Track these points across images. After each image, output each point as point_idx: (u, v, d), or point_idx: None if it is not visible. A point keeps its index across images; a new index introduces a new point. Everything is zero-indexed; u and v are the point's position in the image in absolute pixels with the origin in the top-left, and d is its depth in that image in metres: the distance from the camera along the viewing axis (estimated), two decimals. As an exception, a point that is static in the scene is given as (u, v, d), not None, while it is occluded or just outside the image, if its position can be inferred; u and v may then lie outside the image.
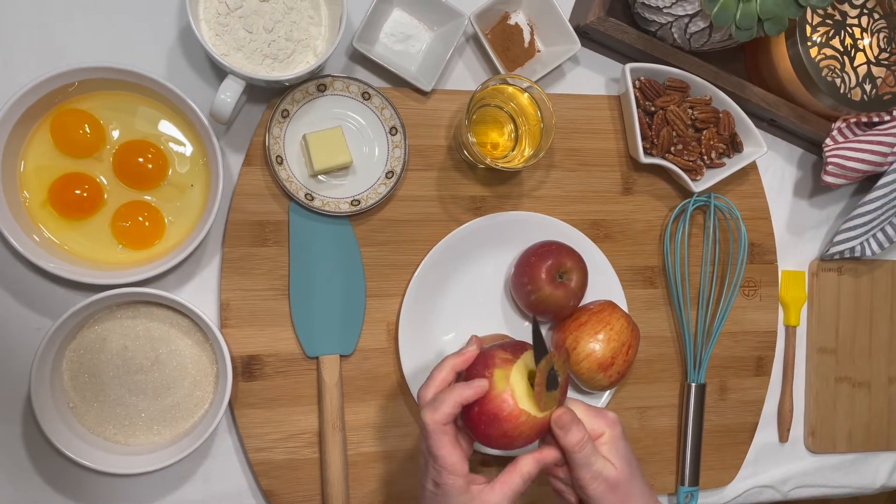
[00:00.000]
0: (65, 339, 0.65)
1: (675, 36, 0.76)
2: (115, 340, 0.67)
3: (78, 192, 0.66)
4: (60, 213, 0.66)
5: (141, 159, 0.67)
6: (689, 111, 0.78)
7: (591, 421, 0.59)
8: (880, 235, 0.86)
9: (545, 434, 0.58)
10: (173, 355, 0.68)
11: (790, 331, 0.87)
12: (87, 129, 0.66)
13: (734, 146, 0.80)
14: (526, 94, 0.73)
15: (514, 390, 0.56)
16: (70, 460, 0.63)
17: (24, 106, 0.62)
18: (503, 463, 0.74)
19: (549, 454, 0.58)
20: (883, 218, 0.85)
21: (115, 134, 0.68)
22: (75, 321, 0.65)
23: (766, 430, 0.87)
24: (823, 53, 0.78)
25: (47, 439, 0.63)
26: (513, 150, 0.75)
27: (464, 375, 0.60)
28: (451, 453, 0.56)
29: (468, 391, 0.56)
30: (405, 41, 0.75)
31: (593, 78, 0.81)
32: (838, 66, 0.79)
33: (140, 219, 0.68)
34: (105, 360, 0.67)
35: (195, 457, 0.71)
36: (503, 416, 0.56)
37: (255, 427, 0.71)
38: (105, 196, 0.68)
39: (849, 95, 0.79)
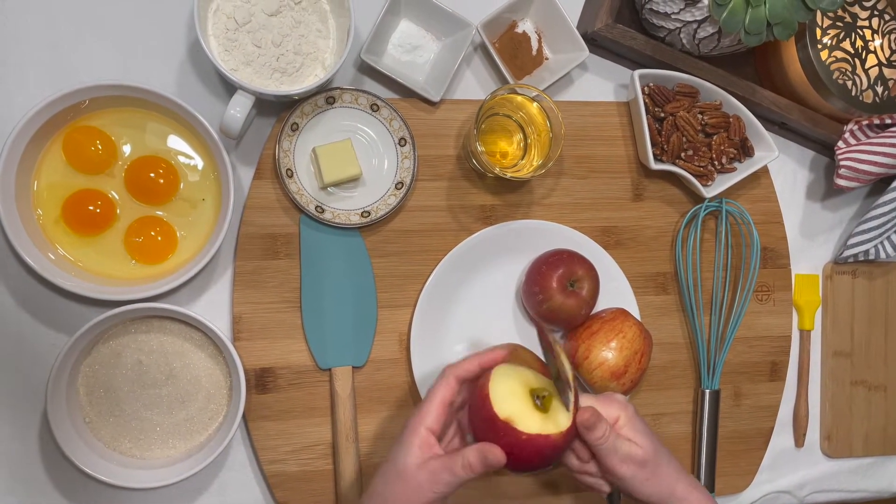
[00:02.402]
0: (80, 354, 0.66)
1: (684, 41, 0.76)
2: (129, 355, 0.68)
3: (91, 208, 0.67)
4: (74, 230, 0.67)
5: (152, 174, 0.68)
6: (699, 116, 0.78)
7: (604, 408, 0.61)
8: (895, 238, 0.85)
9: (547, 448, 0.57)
10: (187, 369, 0.68)
11: (804, 335, 0.87)
12: (99, 146, 0.67)
13: (745, 151, 0.80)
14: (535, 104, 0.73)
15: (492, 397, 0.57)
16: (86, 475, 0.64)
17: (37, 124, 0.63)
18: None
19: (494, 455, 0.55)
20: (897, 220, 0.84)
21: (127, 150, 0.68)
22: (90, 337, 0.65)
23: (782, 436, 0.86)
24: (834, 56, 0.77)
25: (64, 454, 0.63)
26: (522, 160, 0.75)
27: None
28: (435, 404, 0.58)
29: (491, 354, 0.60)
30: (413, 52, 0.75)
31: (602, 84, 0.81)
32: (849, 69, 0.78)
33: (152, 234, 0.68)
34: (120, 375, 0.67)
35: (210, 469, 0.71)
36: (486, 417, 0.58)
37: (268, 439, 0.71)
38: (117, 212, 0.68)
39: (860, 98, 0.79)
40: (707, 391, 0.80)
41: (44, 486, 0.68)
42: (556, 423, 0.57)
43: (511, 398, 0.57)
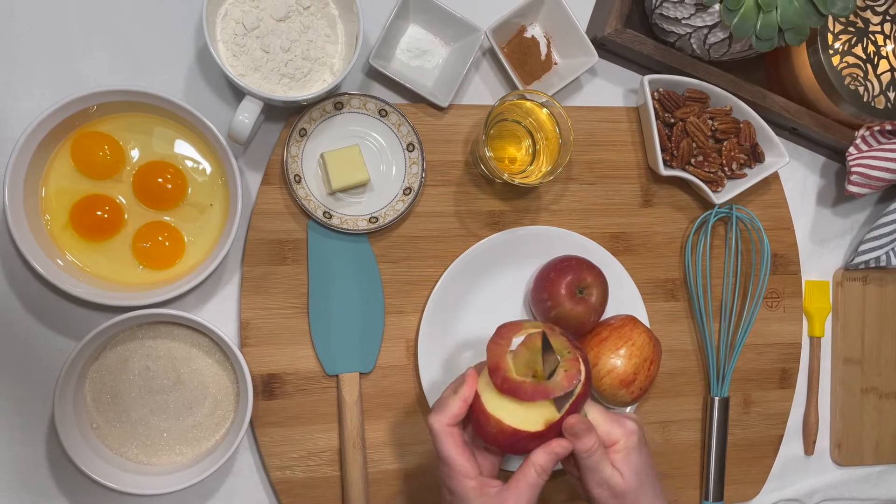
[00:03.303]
0: (87, 360, 0.66)
1: (694, 46, 0.75)
2: (136, 361, 0.67)
3: (99, 213, 0.67)
4: (81, 235, 0.67)
5: (160, 180, 0.68)
6: (710, 122, 0.77)
7: (609, 426, 0.59)
8: (906, 244, 0.84)
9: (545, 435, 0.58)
10: (194, 375, 0.68)
11: (815, 342, 0.86)
12: (108, 151, 0.67)
13: (755, 156, 0.79)
14: (544, 110, 0.72)
15: (482, 396, 0.58)
16: (93, 481, 0.64)
17: (46, 130, 0.63)
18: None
19: (560, 444, 0.57)
20: (909, 227, 0.84)
21: (135, 155, 0.68)
22: (98, 342, 0.65)
23: (792, 443, 0.86)
24: (846, 61, 0.77)
25: (71, 460, 0.63)
26: (531, 165, 0.74)
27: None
28: (458, 455, 0.57)
29: (466, 390, 0.58)
30: (421, 57, 0.75)
31: (611, 90, 0.81)
32: (861, 74, 0.77)
33: (160, 239, 0.68)
34: (127, 381, 0.67)
35: (217, 475, 0.71)
36: (481, 421, 0.58)
37: (275, 445, 0.71)
38: (125, 217, 0.68)
39: (872, 103, 0.78)
40: (716, 398, 0.80)
41: (51, 492, 0.68)
42: (532, 422, 0.57)
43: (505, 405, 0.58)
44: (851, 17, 0.77)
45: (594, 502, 0.59)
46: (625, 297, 0.77)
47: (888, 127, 0.79)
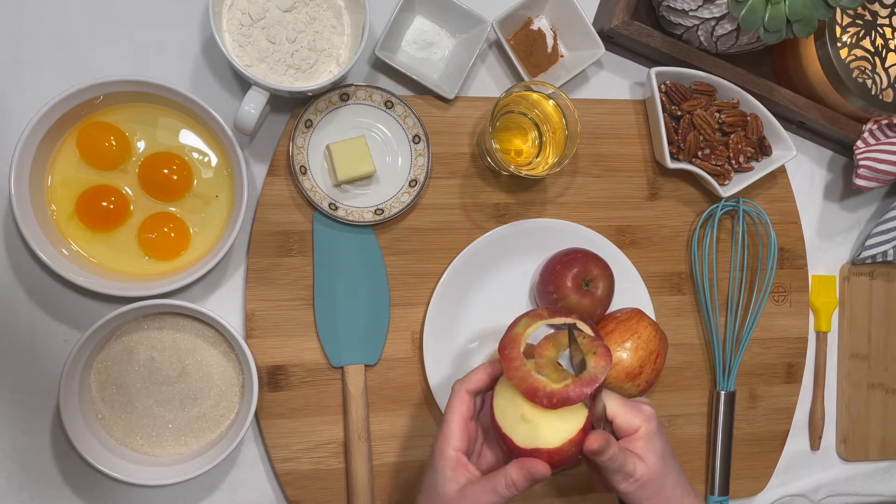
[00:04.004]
0: (93, 350, 0.66)
1: (702, 39, 0.75)
2: (142, 352, 0.67)
3: (104, 204, 0.67)
4: (87, 226, 0.67)
5: (166, 171, 0.68)
6: (717, 115, 0.77)
7: (628, 415, 0.58)
8: (914, 239, 0.84)
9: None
10: (199, 366, 0.68)
11: (821, 337, 0.86)
12: (113, 142, 0.67)
13: (762, 150, 0.79)
14: (551, 101, 0.72)
15: (495, 405, 0.58)
16: (98, 471, 0.64)
17: (51, 120, 0.63)
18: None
19: (539, 469, 0.55)
20: (916, 221, 0.83)
21: (141, 146, 0.68)
22: (103, 333, 0.65)
23: (798, 438, 0.85)
24: (854, 54, 0.76)
25: (76, 450, 0.63)
26: (537, 157, 0.74)
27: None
28: (456, 421, 0.57)
29: (497, 366, 0.59)
30: (427, 48, 0.75)
31: (618, 82, 0.80)
32: (869, 67, 0.77)
33: (166, 230, 0.68)
34: (132, 372, 0.67)
35: (222, 467, 0.71)
36: (507, 447, 0.57)
37: (280, 437, 0.71)
38: (131, 208, 0.68)
39: (880, 97, 0.77)
40: (722, 393, 0.79)
41: (56, 483, 0.68)
42: (565, 430, 0.55)
43: (513, 412, 0.56)
44: (859, 10, 0.77)
45: (621, 494, 0.58)
46: (631, 290, 0.77)
47: (895, 121, 0.79)
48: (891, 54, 0.78)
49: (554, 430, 0.55)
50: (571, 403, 0.54)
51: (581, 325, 0.59)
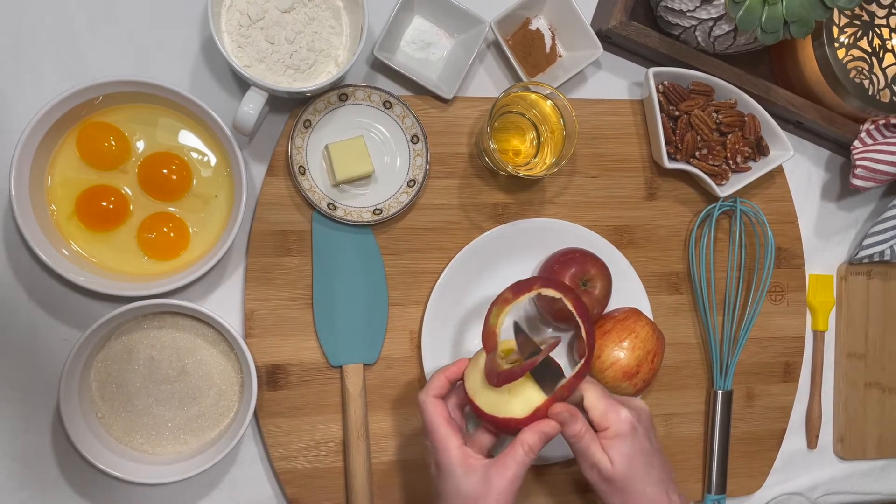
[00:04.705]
0: (93, 350, 0.66)
1: (699, 39, 0.75)
2: (141, 351, 0.68)
3: (104, 204, 0.67)
4: (87, 226, 0.67)
5: (166, 171, 0.68)
6: (714, 115, 0.77)
7: (603, 412, 0.59)
8: (911, 238, 0.84)
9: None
10: (199, 365, 0.69)
11: (818, 336, 0.86)
12: (113, 142, 0.67)
13: (760, 150, 0.79)
14: (549, 102, 0.72)
15: (466, 383, 0.61)
16: (98, 470, 0.64)
17: (51, 120, 0.63)
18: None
19: (549, 424, 0.58)
20: (913, 221, 0.83)
21: (140, 146, 0.68)
22: (103, 332, 0.66)
23: (795, 437, 0.86)
24: (851, 55, 0.76)
25: (76, 449, 0.64)
26: (535, 157, 0.74)
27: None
28: (441, 424, 0.59)
29: (452, 367, 0.62)
30: (426, 49, 0.75)
31: (616, 82, 0.80)
32: (866, 68, 0.77)
33: (165, 230, 0.68)
34: (132, 371, 0.68)
35: (221, 465, 0.71)
36: (476, 413, 0.60)
37: (279, 436, 0.71)
38: (130, 208, 0.68)
39: (877, 97, 0.78)
40: (720, 392, 0.80)
41: (55, 481, 0.69)
42: (517, 409, 0.59)
43: (480, 386, 0.60)
44: (857, 10, 0.77)
45: (588, 482, 0.60)
46: (628, 289, 0.77)
47: (893, 121, 0.79)
48: (888, 55, 0.78)
49: (516, 401, 0.59)
50: (514, 379, 0.58)
51: (547, 291, 0.62)
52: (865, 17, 0.77)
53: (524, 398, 0.59)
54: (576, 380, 0.60)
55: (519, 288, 0.62)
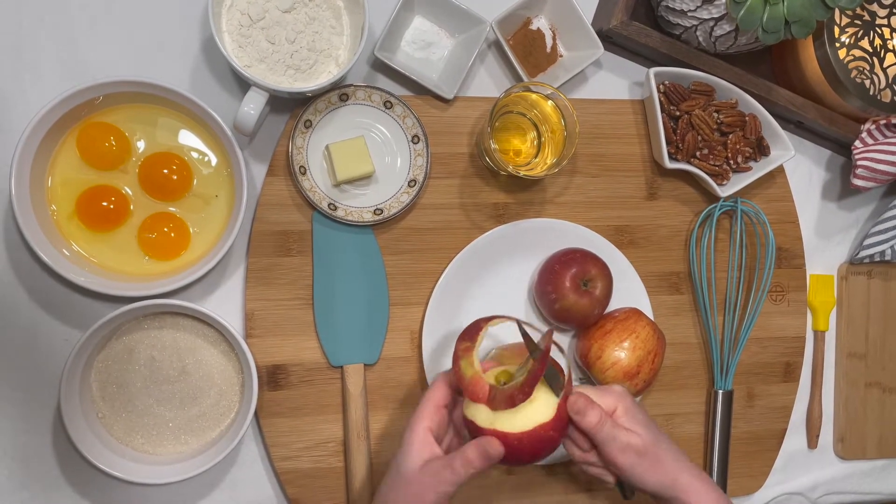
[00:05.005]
0: (93, 350, 0.66)
1: (700, 39, 0.75)
2: (142, 351, 0.68)
3: (104, 204, 0.67)
4: (87, 226, 0.67)
5: (166, 171, 0.68)
6: (715, 115, 0.77)
7: (601, 399, 0.61)
8: (911, 238, 0.84)
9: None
10: (199, 365, 0.69)
11: (819, 336, 0.86)
12: (113, 142, 0.67)
13: (761, 150, 0.79)
14: (549, 102, 0.72)
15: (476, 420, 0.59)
16: (99, 470, 0.64)
17: (52, 120, 0.63)
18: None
19: (492, 445, 0.56)
20: (914, 221, 0.83)
21: (141, 146, 0.68)
22: (103, 332, 0.66)
23: (795, 437, 0.86)
24: (852, 55, 0.76)
25: (76, 449, 0.64)
26: (535, 158, 0.74)
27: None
28: (425, 406, 0.60)
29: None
30: (426, 49, 0.75)
31: (617, 82, 0.80)
32: (867, 68, 0.77)
33: (166, 230, 0.68)
34: (133, 371, 0.68)
35: (222, 465, 0.71)
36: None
37: (280, 436, 0.71)
38: (131, 208, 0.68)
39: (878, 97, 0.78)
40: (720, 392, 0.80)
41: (56, 481, 0.69)
42: (541, 414, 0.57)
43: (494, 416, 0.58)
44: (858, 10, 0.77)
45: (624, 470, 0.60)
46: (629, 290, 0.77)
47: (894, 121, 0.79)
48: (889, 54, 0.78)
49: (523, 417, 0.57)
50: (536, 383, 0.56)
51: (497, 322, 0.62)
52: (867, 17, 0.77)
53: (543, 402, 0.58)
54: (569, 378, 0.60)
55: (470, 332, 0.61)
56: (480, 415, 0.58)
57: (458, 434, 0.63)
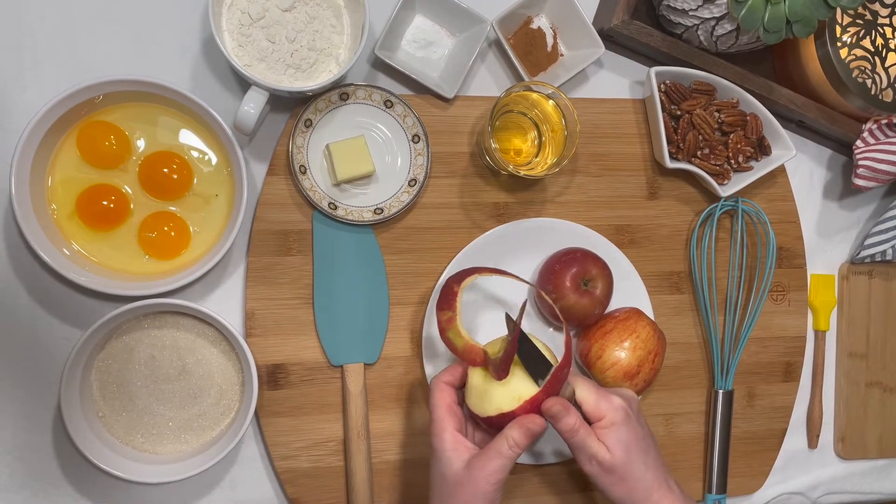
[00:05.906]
0: (93, 349, 0.66)
1: (702, 38, 0.75)
2: (142, 350, 0.68)
3: (105, 203, 0.67)
4: (87, 225, 0.67)
5: (166, 170, 0.68)
6: (716, 114, 0.77)
7: (596, 402, 0.60)
8: (913, 238, 0.84)
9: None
10: (200, 365, 0.69)
11: (819, 335, 0.86)
12: (113, 141, 0.67)
13: (762, 149, 0.79)
14: (550, 101, 0.72)
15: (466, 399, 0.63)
16: (99, 469, 0.64)
17: (52, 119, 0.63)
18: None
19: (534, 421, 0.58)
20: (915, 221, 0.83)
21: (141, 145, 0.68)
22: (103, 332, 0.66)
23: (795, 437, 0.86)
24: (854, 54, 0.76)
25: (76, 448, 0.64)
26: (536, 157, 0.74)
27: None
28: (441, 410, 0.60)
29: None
30: (427, 48, 0.75)
31: (618, 81, 0.80)
32: (869, 67, 0.77)
33: (166, 229, 0.68)
34: (133, 370, 0.68)
35: (222, 464, 0.71)
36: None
37: (280, 435, 0.71)
38: (131, 207, 0.68)
39: (880, 97, 0.78)
40: (720, 391, 0.80)
41: (56, 480, 0.69)
42: (506, 404, 0.59)
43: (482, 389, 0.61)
44: (860, 10, 0.77)
45: (588, 477, 0.61)
46: (629, 289, 0.77)
47: (895, 120, 0.79)
48: (891, 54, 0.78)
49: (504, 395, 0.59)
50: (512, 358, 0.59)
51: (479, 275, 0.65)
52: (868, 17, 0.77)
53: (513, 390, 0.59)
54: (561, 369, 0.60)
55: (446, 299, 0.63)
56: (469, 396, 0.62)
57: (477, 426, 0.63)
